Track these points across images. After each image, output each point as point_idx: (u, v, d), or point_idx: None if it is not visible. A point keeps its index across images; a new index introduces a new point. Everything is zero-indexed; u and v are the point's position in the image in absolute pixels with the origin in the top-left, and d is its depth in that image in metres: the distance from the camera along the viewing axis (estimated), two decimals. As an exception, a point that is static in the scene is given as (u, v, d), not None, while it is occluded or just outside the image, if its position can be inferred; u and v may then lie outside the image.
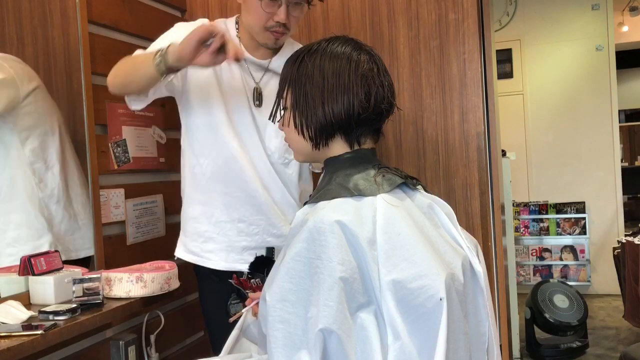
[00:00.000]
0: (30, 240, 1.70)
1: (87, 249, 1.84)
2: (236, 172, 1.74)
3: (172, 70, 1.55)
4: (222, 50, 1.47)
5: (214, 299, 1.78)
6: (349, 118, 1.11)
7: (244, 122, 1.75)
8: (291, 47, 1.81)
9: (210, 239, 1.78)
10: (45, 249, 1.67)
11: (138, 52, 1.74)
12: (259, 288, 1.59)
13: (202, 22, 1.71)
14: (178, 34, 1.59)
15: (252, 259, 1.71)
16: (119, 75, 1.70)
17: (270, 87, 1.76)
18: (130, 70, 1.67)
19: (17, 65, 1.73)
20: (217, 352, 1.67)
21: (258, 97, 1.76)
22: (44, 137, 1.76)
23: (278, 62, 1.74)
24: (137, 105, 1.76)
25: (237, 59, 1.49)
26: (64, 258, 1.66)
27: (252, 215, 1.75)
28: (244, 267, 1.69)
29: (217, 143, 1.73)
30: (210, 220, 1.77)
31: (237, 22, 1.81)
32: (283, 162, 1.80)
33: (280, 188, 1.78)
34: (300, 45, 1.88)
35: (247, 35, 1.76)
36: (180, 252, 1.86)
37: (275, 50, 1.78)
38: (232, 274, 1.66)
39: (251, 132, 1.75)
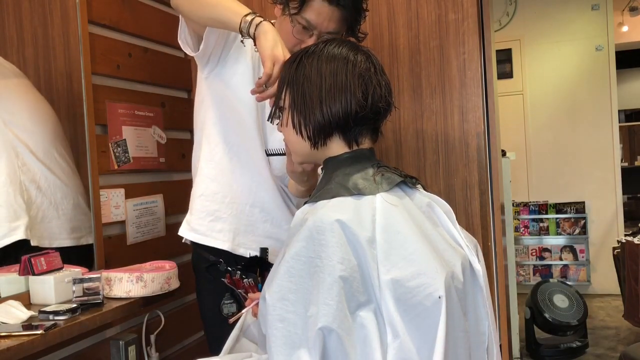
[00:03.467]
0: (7, 221, 1.68)
1: (62, 239, 1.81)
2: (260, 161, 1.71)
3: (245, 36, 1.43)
4: None
5: (210, 299, 1.77)
6: (346, 117, 1.12)
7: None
8: None
9: (220, 219, 1.72)
10: (20, 231, 1.67)
11: None
12: (251, 288, 1.59)
13: None
14: None
15: (255, 246, 1.70)
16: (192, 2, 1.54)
17: None
18: (209, 6, 1.49)
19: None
20: (213, 352, 1.66)
21: None
22: (29, 125, 1.76)
23: None
24: (184, 45, 1.67)
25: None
26: (34, 243, 1.67)
27: (268, 203, 1.73)
28: (247, 254, 1.69)
29: (245, 127, 1.68)
30: (224, 200, 1.72)
31: None
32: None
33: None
34: None
35: None
36: (183, 231, 1.78)
37: None
38: (226, 272, 1.66)
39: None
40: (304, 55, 1.17)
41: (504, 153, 3.63)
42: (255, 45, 1.39)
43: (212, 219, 1.73)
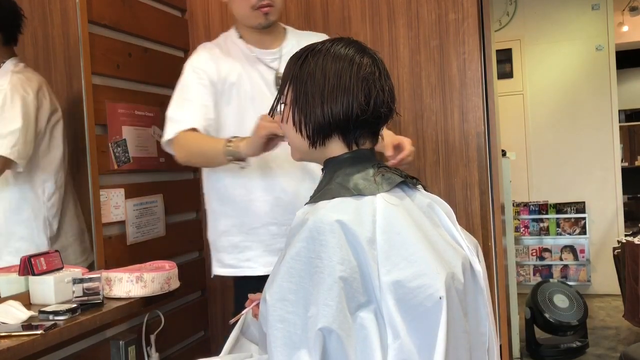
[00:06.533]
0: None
1: (80, 263, 1.87)
2: (260, 175, 1.79)
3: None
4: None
5: None
6: (347, 119, 1.11)
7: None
8: (293, 32, 1.92)
9: (246, 248, 1.82)
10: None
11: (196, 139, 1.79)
12: None
13: (203, 47, 1.90)
14: (200, 70, 1.81)
15: None
16: (189, 156, 1.79)
17: None
18: (201, 158, 1.79)
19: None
20: None
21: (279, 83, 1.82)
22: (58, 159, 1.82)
23: (289, 47, 1.85)
24: None
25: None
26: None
27: (282, 216, 1.79)
28: None
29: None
30: (242, 229, 1.82)
31: (235, 28, 1.90)
32: None
33: (313, 178, 1.81)
34: (300, 31, 1.96)
35: (246, 31, 1.85)
36: (216, 270, 1.90)
37: (280, 38, 1.89)
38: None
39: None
40: (310, 52, 1.16)
41: (504, 153, 3.63)
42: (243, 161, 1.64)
43: (239, 251, 1.83)
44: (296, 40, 1.88)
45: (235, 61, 1.84)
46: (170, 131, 1.77)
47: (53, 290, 1.54)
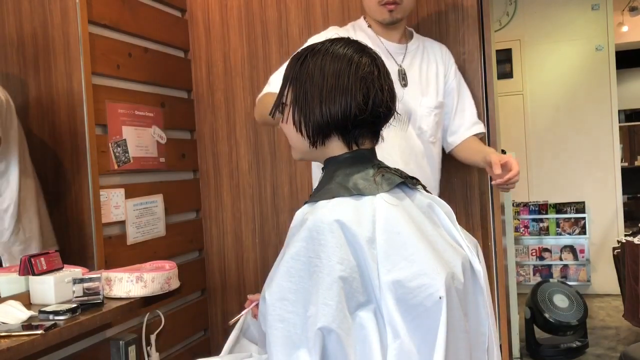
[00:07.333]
0: None
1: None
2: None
3: None
4: None
5: None
6: (345, 119, 1.11)
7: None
8: (417, 36, 2.01)
9: None
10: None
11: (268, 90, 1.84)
12: None
13: (334, 28, 1.92)
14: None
15: None
16: (257, 114, 1.88)
17: (414, 67, 1.92)
18: (259, 115, 1.85)
19: None
20: None
21: (403, 77, 1.88)
22: (8, 157, 1.78)
23: (415, 46, 1.95)
24: None
25: None
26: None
27: None
28: None
29: None
30: None
31: (364, 18, 1.97)
32: (432, 141, 1.92)
33: (424, 171, 1.85)
34: (432, 41, 2.03)
35: (374, 22, 1.92)
36: None
37: (406, 37, 1.96)
38: None
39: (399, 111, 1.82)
40: (310, 53, 1.16)
41: (503, 153, 3.63)
42: None
43: None
44: (421, 42, 1.99)
45: None
46: (261, 93, 1.86)
47: (53, 290, 1.54)
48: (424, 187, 1.21)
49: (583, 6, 5.35)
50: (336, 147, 1.16)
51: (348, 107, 1.10)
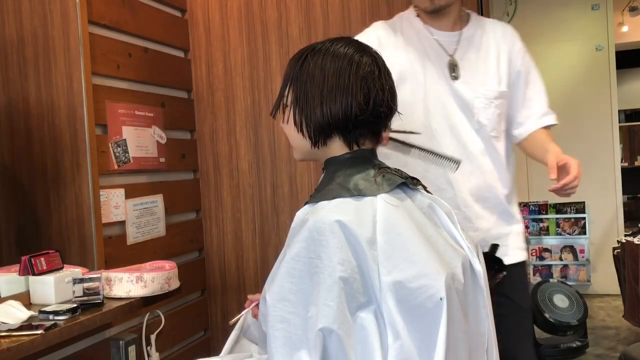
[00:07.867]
0: None
1: None
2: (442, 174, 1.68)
3: None
4: None
5: None
6: (346, 119, 1.11)
7: (439, 99, 1.71)
8: (477, 18, 1.83)
9: None
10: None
11: None
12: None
13: (375, 25, 1.79)
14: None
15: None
16: None
17: (470, 55, 1.75)
18: None
19: None
20: None
21: (454, 69, 1.73)
22: None
23: (471, 31, 1.78)
24: None
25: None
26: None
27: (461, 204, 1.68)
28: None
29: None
30: None
31: (413, 7, 1.81)
32: (495, 136, 1.75)
33: (483, 172, 1.72)
34: (484, 18, 1.87)
35: (421, 11, 1.77)
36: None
37: (461, 23, 1.79)
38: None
39: (449, 107, 1.71)
40: (310, 52, 1.16)
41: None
42: None
43: None
44: (480, 25, 1.81)
45: (408, 45, 1.75)
46: None
47: (53, 290, 1.54)
48: (425, 188, 1.21)
49: (583, 6, 5.35)
50: (337, 147, 1.16)
51: (349, 106, 1.10)
